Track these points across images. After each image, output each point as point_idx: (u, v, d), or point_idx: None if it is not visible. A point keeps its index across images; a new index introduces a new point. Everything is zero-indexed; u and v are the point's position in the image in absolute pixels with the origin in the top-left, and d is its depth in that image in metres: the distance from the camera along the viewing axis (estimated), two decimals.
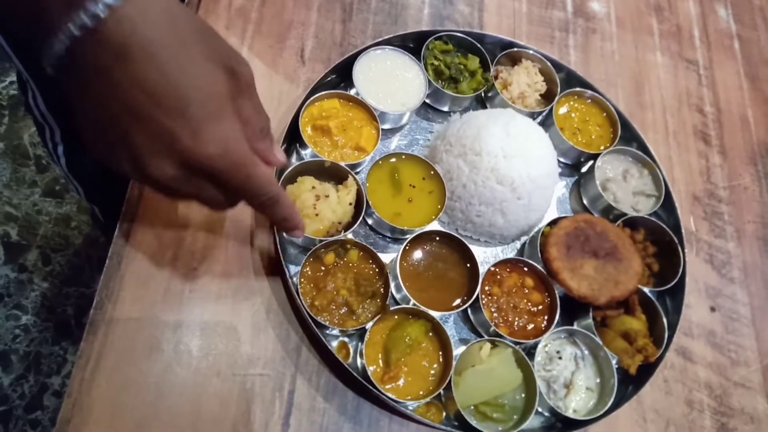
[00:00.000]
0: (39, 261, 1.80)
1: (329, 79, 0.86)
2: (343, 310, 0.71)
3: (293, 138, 0.80)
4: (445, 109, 0.91)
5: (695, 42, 1.15)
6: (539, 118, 0.92)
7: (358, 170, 0.82)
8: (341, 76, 0.87)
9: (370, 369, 0.69)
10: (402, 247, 0.75)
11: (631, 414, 0.80)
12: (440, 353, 0.72)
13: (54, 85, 1.00)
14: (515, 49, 0.94)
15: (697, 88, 1.10)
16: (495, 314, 0.77)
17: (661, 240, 0.87)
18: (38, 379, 1.63)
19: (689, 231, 0.95)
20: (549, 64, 0.93)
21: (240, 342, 0.70)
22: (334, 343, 0.72)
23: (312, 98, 0.80)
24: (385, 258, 0.78)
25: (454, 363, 0.71)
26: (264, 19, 0.90)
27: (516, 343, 0.74)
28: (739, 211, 1.00)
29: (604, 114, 0.94)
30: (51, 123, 1.11)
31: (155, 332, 0.68)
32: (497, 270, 0.79)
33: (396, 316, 0.72)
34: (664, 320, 0.80)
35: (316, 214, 0.72)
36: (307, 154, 0.80)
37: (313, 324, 0.68)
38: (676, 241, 0.86)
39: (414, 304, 0.73)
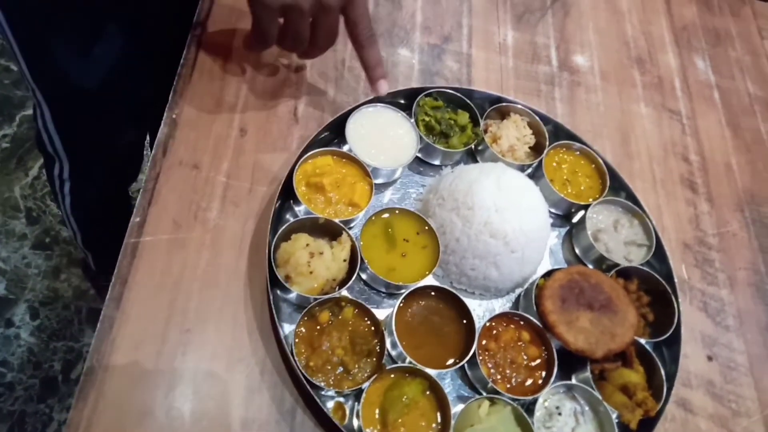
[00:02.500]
0: (27, 315, 1.77)
1: (322, 136, 0.87)
2: (338, 370, 0.70)
3: (287, 195, 0.80)
4: (437, 162, 0.93)
5: (677, 93, 1.19)
6: (529, 170, 0.94)
7: (351, 226, 0.82)
8: (334, 132, 0.88)
9: (368, 431, 0.67)
10: (397, 303, 0.75)
11: None
12: (438, 412, 0.71)
13: (69, 107, 1.01)
14: (503, 104, 0.96)
15: (681, 137, 1.13)
16: (492, 370, 0.76)
17: (654, 290, 0.87)
18: None
19: (682, 279, 0.95)
20: (537, 117, 0.96)
21: (234, 405, 0.69)
22: (330, 404, 0.71)
23: (305, 156, 0.81)
24: (381, 314, 0.77)
25: (452, 422, 0.69)
26: (258, 78, 0.92)
27: (514, 400, 0.73)
28: (730, 258, 1.01)
29: (593, 165, 0.96)
30: (62, 156, 1.12)
31: (147, 397, 0.66)
32: (493, 324, 0.78)
33: (392, 375, 0.71)
34: (662, 372, 0.80)
35: (311, 272, 0.72)
36: (301, 210, 0.80)
37: (308, 385, 0.67)
38: (670, 290, 0.86)
39: (410, 362, 0.72)
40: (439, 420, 0.71)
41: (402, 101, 0.93)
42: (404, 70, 1.03)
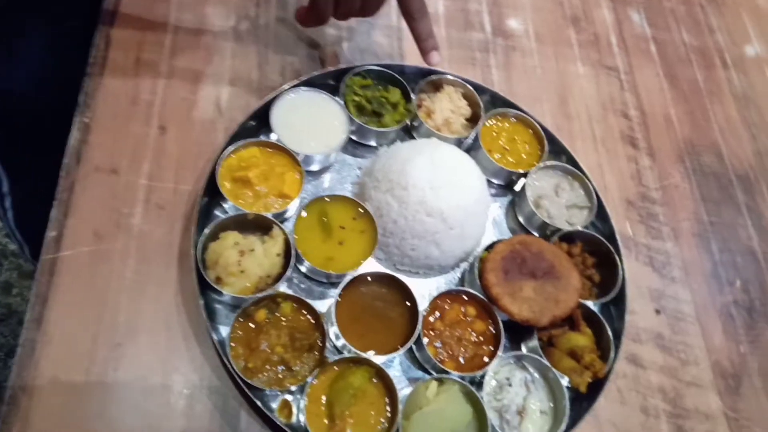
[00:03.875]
0: None
1: (249, 126, 0.83)
2: (280, 368, 0.68)
3: (213, 193, 0.77)
4: (373, 143, 0.90)
5: (613, 49, 1.18)
6: (467, 142, 0.92)
7: (286, 218, 0.80)
8: (261, 122, 0.85)
9: (314, 427, 0.66)
10: (335, 293, 0.73)
11: (589, 430, 0.79)
12: (386, 399, 0.70)
13: (6, 127, 0.95)
14: (435, 76, 0.94)
15: (619, 93, 1.13)
16: (440, 349, 0.75)
17: (598, 251, 0.87)
18: None
19: (627, 236, 0.96)
20: (470, 87, 0.93)
21: (174, 416, 0.66)
22: (276, 403, 0.69)
23: (229, 149, 0.78)
24: (324, 304, 0.76)
25: (400, 407, 0.68)
26: (175, 71, 0.88)
27: (462, 377, 0.72)
28: (673, 210, 1.02)
29: (530, 131, 0.95)
30: None
31: (80, 421, 0.64)
32: (437, 303, 0.77)
33: (336, 367, 0.70)
34: (609, 332, 0.80)
35: (242, 271, 0.69)
36: (230, 208, 0.77)
37: (246, 388, 0.65)
38: (613, 249, 0.86)
39: (352, 351, 0.70)
40: (387, 407, 0.70)
41: (330, 82, 0.90)
42: (331, 49, 0.99)
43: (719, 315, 0.93)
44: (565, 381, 0.76)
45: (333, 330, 0.72)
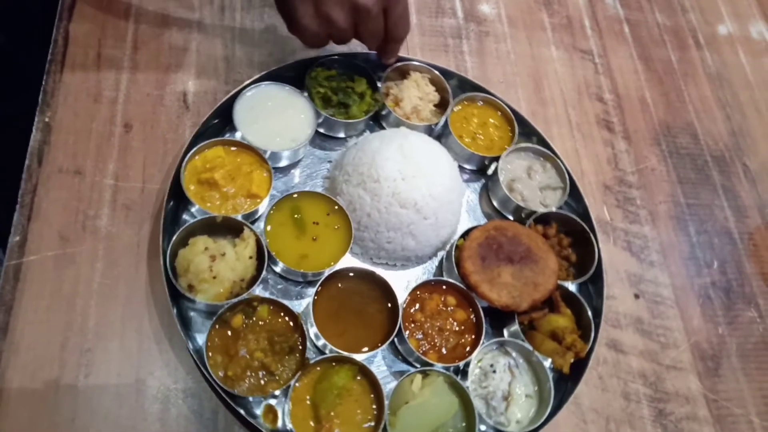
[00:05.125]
0: None
1: (215, 123, 0.81)
2: (261, 374, 0.66)
3: (179, 196, 0.74)
4: (341, 135, 0.88)
5: (587, 31, 1.17)
6: (437, 129, 0.91)
7: (257, 218, 0.78)
8: (227, 119, 0.82)
9: (300, 430, 0.64)
10: (313, 291, 0.72)
11: (571, 418, 0.79)
12: (372, 396, 0.69)
13: None
14: (401, 63, 0.92)
15: (594, 77, 1.12)
16: (422, 341, 0.74)
17: (574, 230, 0.87)
18: None
19: (604, 221, 0.96)
20: (437, 72, 0.92)
21: (149, 421, 0.65)
22: (260, 409, 0.67)
23: (192, 150, 0.75)
24: (303, 304, 0.74)
25: (386, 403, 0.67)
26: (138, 67, 0.85)
27: (447, 367, 0.72)
28: (650, 193, 1.02)
29: (500, 113, 0.94)
30: None
31: (50, 430, 0.62)
32: (417, 294, 0.76)
33: (318, 368, 0.68)
34: (589, 311, 0.79)
35: (214, 277, 0.67)
36: (197, 211, 0.75)
37: (227, 398, 0.63)
38: (587, 228, 0.85)
39: (333, 351, 0.69)
40: (373, 403, 0.68)
41: (294, 75, 0.87)
42: (293, 41, 0.96)
43: (698, 297, 0.93)
44: (548, 363, 0.76)
45: (313, 330, 0.71)
